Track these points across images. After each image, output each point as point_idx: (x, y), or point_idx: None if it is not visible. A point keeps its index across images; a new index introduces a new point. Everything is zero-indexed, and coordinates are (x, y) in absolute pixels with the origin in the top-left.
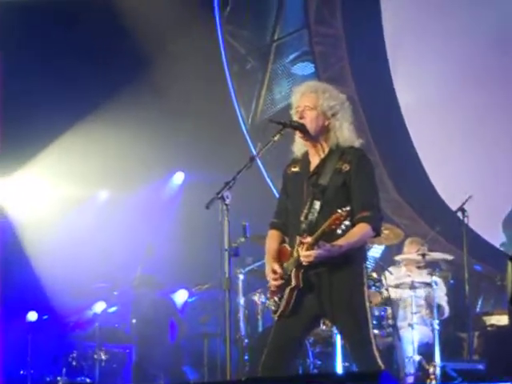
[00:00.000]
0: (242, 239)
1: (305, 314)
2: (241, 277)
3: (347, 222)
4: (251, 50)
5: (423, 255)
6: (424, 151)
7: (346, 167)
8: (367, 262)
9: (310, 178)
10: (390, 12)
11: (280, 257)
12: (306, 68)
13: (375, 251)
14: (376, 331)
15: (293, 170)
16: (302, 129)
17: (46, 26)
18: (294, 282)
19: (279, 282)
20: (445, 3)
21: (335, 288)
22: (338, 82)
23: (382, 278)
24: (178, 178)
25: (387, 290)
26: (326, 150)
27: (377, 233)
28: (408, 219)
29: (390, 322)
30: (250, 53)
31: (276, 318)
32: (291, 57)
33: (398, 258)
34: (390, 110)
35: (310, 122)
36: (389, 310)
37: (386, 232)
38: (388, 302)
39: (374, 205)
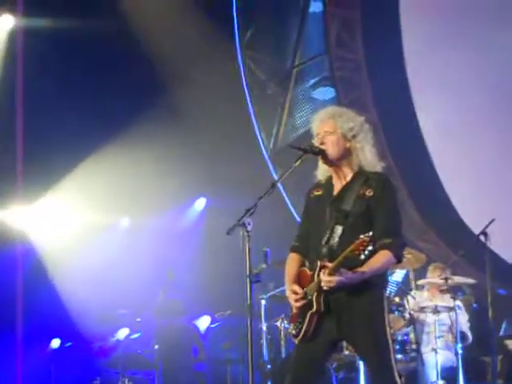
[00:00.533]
0: (264, 265)
1: (325, 338)
2: (263, 302)
3: (370, 248)
4: (272, 75)
5: (446, 279)
6: (446, 174)
7: (369, 192)
8: (389, 287)
9: (333, 202)
10: (411, 33)
11: (300, 280)
12: (326, 93)
13: (398, 275)
14: (399, 356)
15: (316, 193)
16: (322, 154)
17: (66, 51)
18: (315, 307)
19: (301, 303)
20: (467, 23)
21: (355, 313)
22: (359, 106)
23: (405, 302)
24: (200, 203)
25: (410, 314)
26: (350, 175)
27: (398, 260)
28: (430, 243)
29: (414, 346)
30: (270, 78)
31: (297, 343)
32: (312, 82)
33: (420, 282)
34: (412, 134)
35: (332, 146)
36: (412, 335)
37: (408, 256)
38: (411, 326)
39: (397, 231)
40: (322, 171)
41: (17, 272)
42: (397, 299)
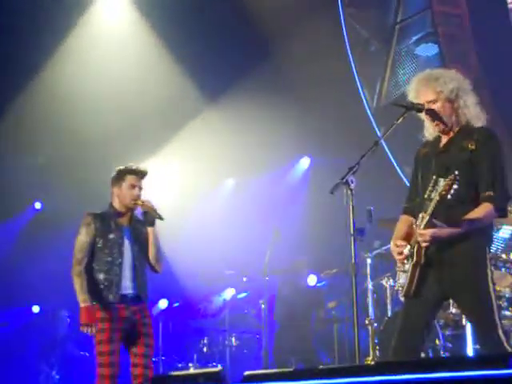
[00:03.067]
0: (368, 223)
1: (430, 294)
2: (368, 261)
3: (455, 186)
4: (374, 32)
5: None
6: None
7: (472, 145)
8: (496, 243)
9: (437, 156)
10: None
11: (409, 238)
12: (430, 49)
13: (504, 232)
14: (508, 313)
15: (423, 151)
16: (424, 110)
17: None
18: (415, 258)
19: (403, 256)
20: None
21: (457, 269)
22: (463, 62)
23: None
24: (305, 162)
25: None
26: (456, 129)
27: (502, 213)
28: None
29: None
30: (373, 35)
31: (403, 299)
32: (415, 38)
33: None
34: None
35: (439, 112)
36: None
37: None
38: None
39: (500, 184)
40: (430, 130)
41: None
42: (504, 255)
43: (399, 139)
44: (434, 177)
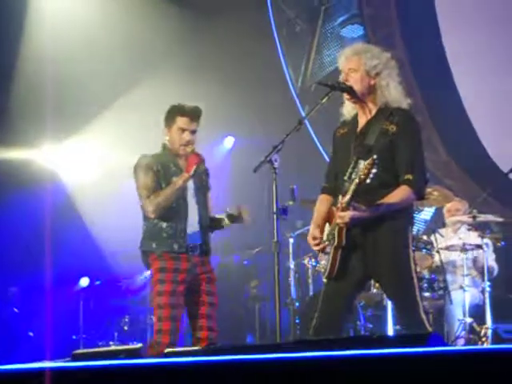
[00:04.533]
0: (291, 202)
1: (352, 275)
2: (291, 241)
3: (374, 170)
4: (300, 12)
5: (474, 217)
6: (474, 113)
7: (392, 128)
8: (417, 225)
9: (357, 137)
10: None
11: (329, 219)
12: (355, 31)
13: (426, 214)
14: (427, 294)
15: (341, 131)
16: (349, 91)
17: None
18: (336, 241)
19: (320, 247)
20: None
21: (379, 248)
22: (388, 44)
23: (433, 240)
24: (228, 142)
25: (438, 252)
26: (374, 111)
27: (419, 196)
28: (458, 181)
29: (441, 284)
30: (298, 15)
31: (325, 281)
32: (340, 19)
33: (448, 220)
34: (440, 71)
35: (355, 83)
36: (439, 273)
37: (435, 194)
38: (439, 264)
39: (419, 168)
40: (348, 108)
41: (46, 211)
42: (424, 237)
43: (323, 119)
44: (355, 158)
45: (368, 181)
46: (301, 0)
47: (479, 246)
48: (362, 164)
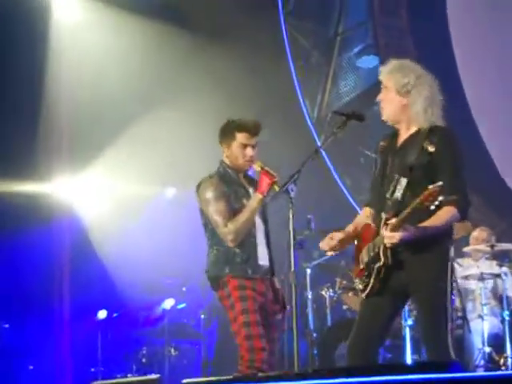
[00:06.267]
0: (307, 232)
1: (392, 294)
2: (308, 271)
3: (441, 197)
4: (316, 43)
5: (492, 246)
6: (492, 142)
7: (432, 148)
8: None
9: (397, 153)
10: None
11: (363, 233)
12: (371, 61)
13: None
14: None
15: (381, 144)
16: (363, 120)
17: None
18: (382, 260)
19: (331, 248)
20: None
21: (422, 268)
22: None
23: None
24: None
25: (456, 281)
26: (413, 128)
27: (464, 216)
28: (477, 210)
29: (460, 313)
30: (314, 46)
31: (364, 297)
32: (356, 50)
33: (466, 249)
34: (456, 102)
35: (388, 103)
36: (458, 302)
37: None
38: (457, 293)
39: (462, 188)
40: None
41: (63, 244)
42: None
43: (340, 150)
44: (396, 176)
45: (432, 207)
46: (316, 30)
47: (498, 275)
48: (404, 181)
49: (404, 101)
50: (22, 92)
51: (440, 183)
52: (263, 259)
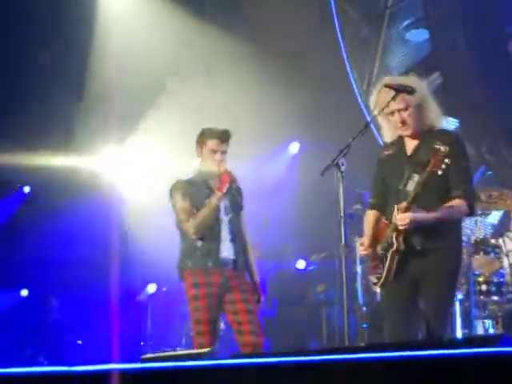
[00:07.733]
0: (359, 206)
1: (407, 280)
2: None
3: (447, 160)
4: (365, 16)
5: None
6: None
7: (445, 148)
8: (484, 229)
9: (410, 158)
10: None
11: (378, 233)
12: (420, 35)
13: (493, 217)
14: (496, 298)
15: (386, 153)
16: (414, 93)
17: None
18: (395, 245)
19: (366, 252)
20: None
21: (432, 257)
22: (452, 48)
23: (501, 243)
24: (294, 147)
25: (507, 255)
26: (421, 133)
27: (471, 211)
28: None
29: (510, 288)
30: (363, 19)
31: (379, 287)
32: (405, 23)
33: None
34: (508, 75)
35: (409, 119)
36: (508, 277)
37: (503, 197)
38: (508, 268)
39: (471, 185)
40: (390, 133)
41: (110, 218)
42: (492, 241)
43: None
44: (408, 173)
45: (440, 172)
46: (365, 2)
47: None
48: (417, 177)
49: (421, 111)
50: (70, 62)
51: (447, 148)
52: (226, 251)
